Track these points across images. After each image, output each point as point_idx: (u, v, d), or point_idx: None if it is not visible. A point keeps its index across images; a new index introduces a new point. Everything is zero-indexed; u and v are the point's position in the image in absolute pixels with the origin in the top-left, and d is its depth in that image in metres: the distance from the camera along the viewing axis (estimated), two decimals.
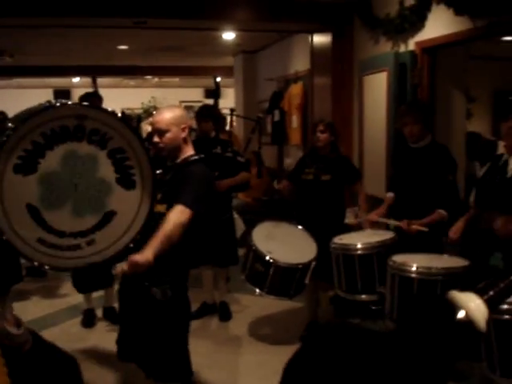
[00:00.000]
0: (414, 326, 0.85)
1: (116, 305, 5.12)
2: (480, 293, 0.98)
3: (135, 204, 3.14)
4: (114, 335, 3.62)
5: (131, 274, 2.93)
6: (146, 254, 2.92)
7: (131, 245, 3.14)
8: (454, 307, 0.93)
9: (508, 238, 3.09)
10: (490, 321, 2.64)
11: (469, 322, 0.93)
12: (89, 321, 5.26)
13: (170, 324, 3.24)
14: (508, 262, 3.18)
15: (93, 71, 12.70)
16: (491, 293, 1.00)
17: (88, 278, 5.02)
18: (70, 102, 3.11)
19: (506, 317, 2.60)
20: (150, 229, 3.13)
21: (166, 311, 3.21)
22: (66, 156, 2.98)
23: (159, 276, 3.15)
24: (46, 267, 3.10)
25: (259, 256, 4.37)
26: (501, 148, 4.69)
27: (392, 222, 4.31)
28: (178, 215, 3.04)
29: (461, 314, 0.93)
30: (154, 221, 3.13)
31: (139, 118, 8.21)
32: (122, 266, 3.00)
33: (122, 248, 3.14)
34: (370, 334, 0.90)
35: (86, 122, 2.97)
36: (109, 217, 3.10)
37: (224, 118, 7.93)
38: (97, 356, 4.60)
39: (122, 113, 7.64)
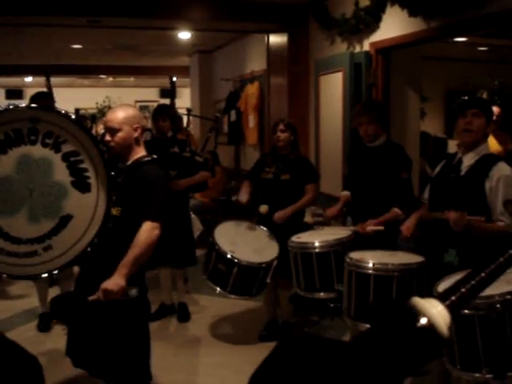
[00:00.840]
0: (375, 334, 0.87)
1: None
2: (442, 299, 0.99)
3: (91, 207, 3.09)
4: None
5: (106, 301, 2.94)
6: (118, 281, 2.93)
7: (89, 249, 3.10)
8: (416, 314, 0.94)
9: (459, 230, 3.15)
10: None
11: (431, 328, 0.94)
12: (45, 325, 5.16)
13: (131, 326, 3.20)
14: (462, 259, 3.25)
15: (46, 70, 12.45)
16: (453, 298, 1.01)
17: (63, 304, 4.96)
18: (23, 105, 3.05)
19: (466, 311, 2.66)
20: (107, 232, 3.11)
21: (127, 313, 3.17)
22: (20, 160, 2.94)
23: None
24: (4, 276, 3.05)
25: (222, 256, 4.36)
26: (452, 146, 4.79)
27: (348, 228, 4.35)
28: (148, 233, 3.04)
29: (423, 321, 0.94)
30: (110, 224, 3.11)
31: (93, 118, 8.09)
32: (96, 295, 2.97)
33: (80, 252, 3.11)
34: (332, 345, 0.92)
35: (39, 124, 2.93)
36: (65, 221, 3.07)
37: (180, 118, 7.88)
38: (54, 360, 4.51)
39: (76, 112, 7.51)
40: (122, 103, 3.53)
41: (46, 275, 3.23)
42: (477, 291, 1.05)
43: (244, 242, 4.57)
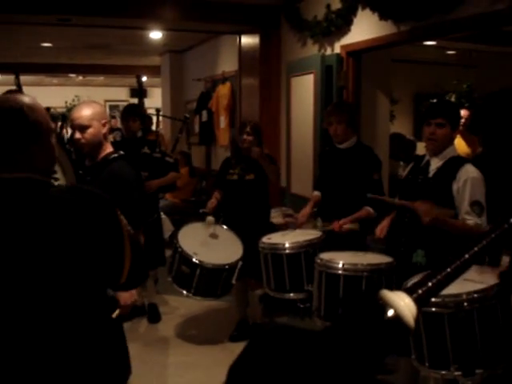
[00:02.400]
0: (344, 324, 0.90)
1: None
2: (409, 292, 1.03)
3: None
4: None
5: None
6: (129, 292, 3.05)
7: None
8: (384, 306, 0.97)
9: (428, 223, 3.19)
10: (419, 313, 2.72)
11: (398, 319, 0.97)
12: None
13: (109, 325, 3.20)
14: (430, 259, 3.30)
15: (15, 68, 12.28)
16: (420, 291, 1.05)
17: None
18: None
19: (434, 309, 2.70)
20: None
21: (105, 312, 3.18)
22: None
23: None
24: None
25: (185, 258, 4.37)
26: (420, 149, 4.85)
27: (322, 228, 4.37)
28: None
29: (390, 313, 0.97)
30: None
31: (63, 117, 8.00)
32: (116, 313, 3.05)
33: None
34: (305, 334, 0.94)
35: None
36: None
37: (150, 118, 7.85)
38: None
39: (47, 110, 7.42)
40: (85, 100, 3.51)
41: None
42: (443, 285, 1.09)
43: (208, 244, 4.59)
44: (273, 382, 0.88)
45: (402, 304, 0.98)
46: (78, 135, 3.18)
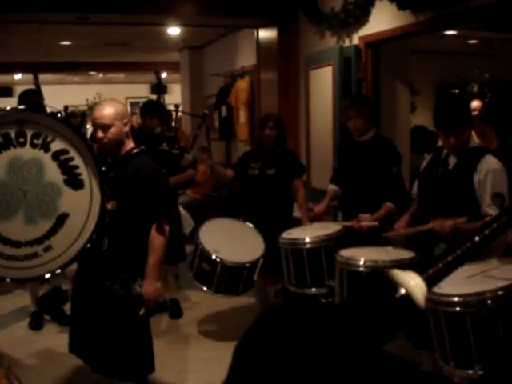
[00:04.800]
0: (357, 301, 0.92)
1: (64, 306, 5.04)
2: (420, 271, 1.06)
3: (86, 203, 3.13)
4: (64, 337, 3.56)
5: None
6: (156, 286, 3.19)
7: (88, 245, 3.13)
8: (395, 284, 1.00)
9: (447, 237, 3.15)
10: (441, 313, 2.69)
11: (408, 298, 1.00)
12: (37, 323, 5.14)
13: (134, 320, 3.22)
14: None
15: (35, 67, 12.38)
16: (430, 272, 1.09)
17: (50, 299, 5.01)
18: (8, 108, 3.06)
19: (457, 309, 2.65)
20: (105, 227, 3.15)
21: (129, 307, 3.20)
22: (11, 163, 2.99)
23: (119, 273, 3.18)
24: (8, 280, 3.09)
25: (206, 255, 4.35)
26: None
27: (341, 224, 4.33)
28: (161, 233, 3.21)
29: (401, 291, 1.00)
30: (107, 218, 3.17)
31: (83, 115, 8.05)
32: (143, 310, 3.19)
33: (80, 249, 3.14)
34: (316, 311, 0.95)
35: (26, 126, 2.97)
36: (62, 220, 3.10)
37: (170, 114, 7.86)
38: (46, 359, 4.50)
39: (65, 109, 7.47)
40: (106, 99, 3.55)
41: (49, 275, 3.26)
42: (452, 266, 1.14)
43: (229, 240, 4.55)
44: (282, 358, 0.88)
45: (412, 283, 1.02)
46: (100, 134, 3.21)
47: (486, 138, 6.14)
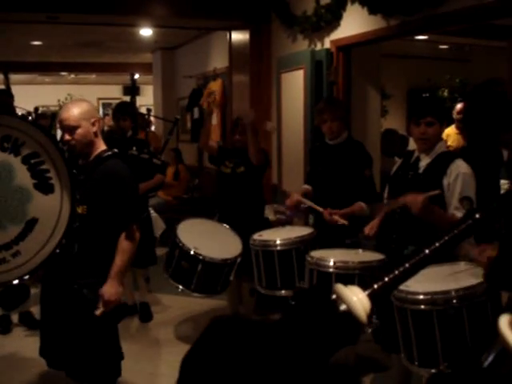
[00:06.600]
0: (298, 316, 0.93)
1: (32, 309, 4.97)
2: (364, 286, 1.05)
3: (56, 208, 3.07)
4: (32, 340, 3.51)
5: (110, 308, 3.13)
6: (117, 289, 3.10)
7: (57, 250, 3.07)
8: (338, 300, 1.00)
9: (420, 212, 3.15)
10: (408, 311, 2.71)
11: (350, 314, 1.00)
12: (4, 327, 5.05)
13: (102, 323, 3.18)
14: None
15: (6, 67, 12.22)
16: (375, 286, 1.08)
17: (11, 296, 4.92)
18: None
19: (423, 307, 2.68)
20: (74, 231, 3.11)
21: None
22: None
23: (87, 278, 3.14)
24: None
25: (186, 253, 4.32)
26: (411, 144, 4.83)
27: (315, 206, 4.30)
28: (131, 238, 3.15)
29: (342, 307, 1.00)
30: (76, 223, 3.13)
31: (53, 116, 7.96)
32: (100, 310, 3.08)
33: (49, 255, 3.09)
34: (258, 326, 0.96)
35: None
36: (31, 225, 3.04)
37: (143, 115, 7.81)
38: (15, 363, 4.43)
39: (35, 110, 7.39)
40: (74, 100, 3.51)
41: (16, 282, 3.18)
42: (400, 281, 1.14)
43: (207, 239, 4.54)
44: (226, 372, 0.89)
45: (354, 299, 1.01)
46: (67, 137, 3.14)
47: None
